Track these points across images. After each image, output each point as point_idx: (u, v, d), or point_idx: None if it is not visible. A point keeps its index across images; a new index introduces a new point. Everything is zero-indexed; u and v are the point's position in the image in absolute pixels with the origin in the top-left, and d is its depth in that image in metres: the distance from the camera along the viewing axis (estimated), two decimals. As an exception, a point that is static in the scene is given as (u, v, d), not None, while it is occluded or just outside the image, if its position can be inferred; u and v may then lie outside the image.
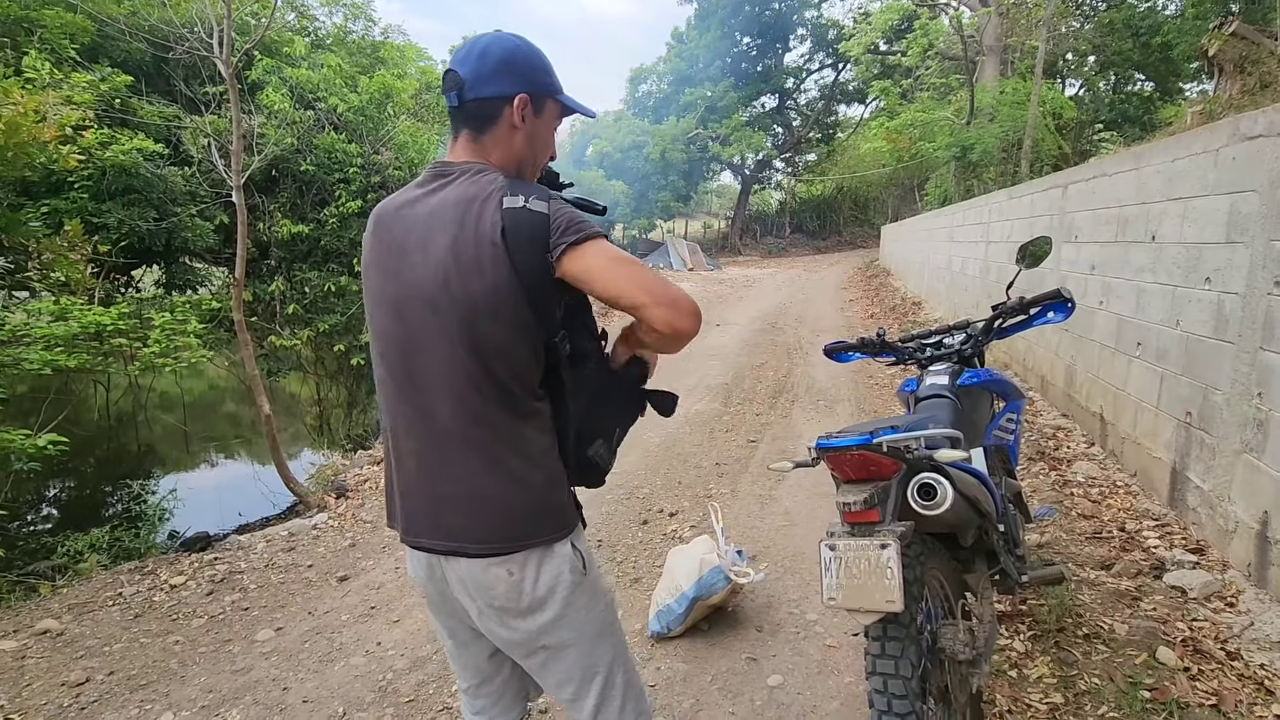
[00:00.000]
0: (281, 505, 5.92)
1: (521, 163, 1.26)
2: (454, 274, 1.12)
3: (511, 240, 1.10)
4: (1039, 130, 11.96)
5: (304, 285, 9.36)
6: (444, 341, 1.15)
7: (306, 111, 8.89)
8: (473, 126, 1.23)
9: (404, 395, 1.22)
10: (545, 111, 1.27)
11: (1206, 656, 2.22)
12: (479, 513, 1.19)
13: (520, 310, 1.13)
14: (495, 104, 1.21)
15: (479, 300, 1.12)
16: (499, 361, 1.15)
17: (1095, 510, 3.39)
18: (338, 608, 3.05)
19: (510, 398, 1.17)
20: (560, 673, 1.27)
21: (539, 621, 1.22)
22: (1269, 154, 2.66)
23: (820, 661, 2.42)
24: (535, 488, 1.20)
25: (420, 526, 1.23)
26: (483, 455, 1.18)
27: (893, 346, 2.59)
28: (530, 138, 1.25)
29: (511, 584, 1.18)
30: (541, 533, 1.20)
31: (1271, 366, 2.54)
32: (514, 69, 1.21)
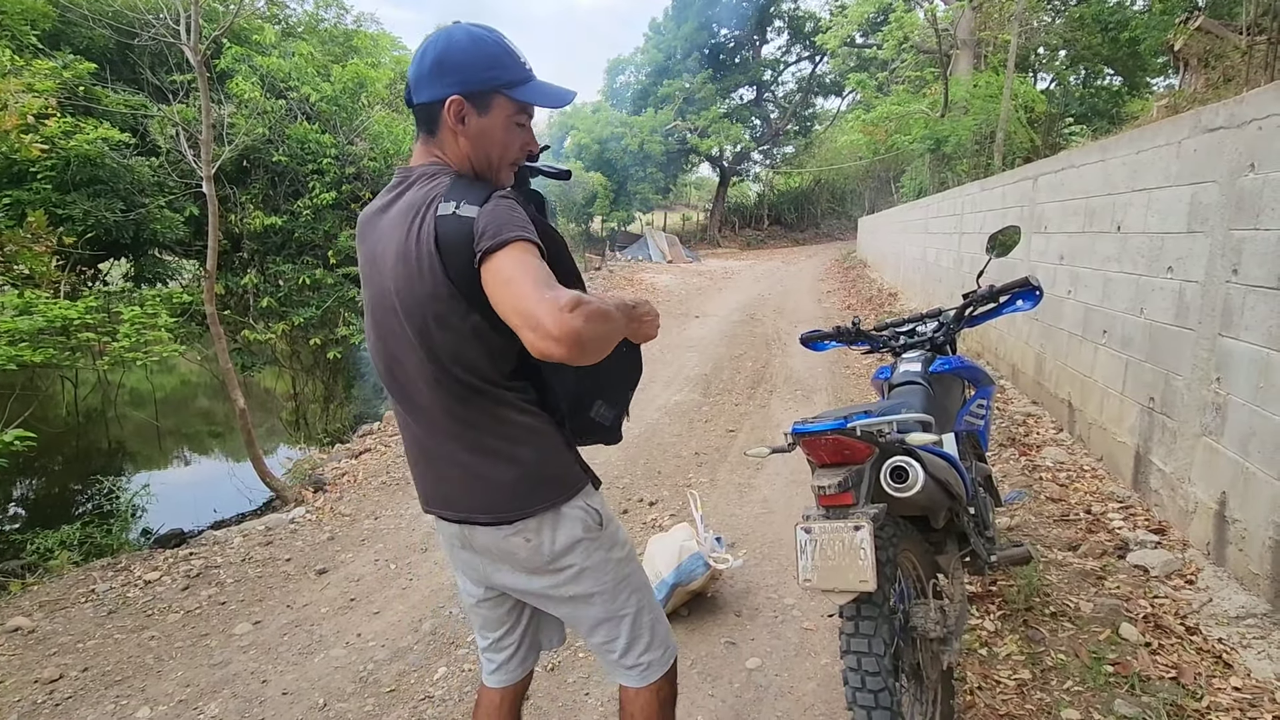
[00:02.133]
0: (258, 501, 5.86)
1: (474, 163, 1.24)
2: (404, 281, 1.15)
3: (444, 248, 1.11)
4: (1011, 123, 12.14)
5: (278, 278, 9.22)
6: (408, 345, 1.20)
7: (278, 101, 8.74)
8: (424, 129, 1.25)
9: (392, 390, 1.29)
10: (493, 108, 1.22)
11: (1167, 632, 2.30)
12: (477, 490, 1.26)
13: (466, 315, 1.14)
14: (434, 107, 1.20)
15: (426, 307, 1.15)
16: (455, 364, 1.18)
17: (1063, 494, 3.49)
18: (317, 600, 3.04)
19: (475, 391, 1.20)
20: (590, 620, 1.36)
21: (563, 576, 1.30)
22: (1229, 146, 2.74)
23: (798, 644, 2.47)
24: (525, 462, 1.24)
25: (436, 501, 1.33)
26: (464, 440, 1.24)
27: (867, 335, 2.63)
28: (476, 138, 1.22)
29: (531, 548, 1.27)
30: (545, 499, 1.26)
31: (1229, 352, 2.63)
32: (448, 69, 1.19)
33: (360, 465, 5.00)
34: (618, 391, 1.38)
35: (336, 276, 9.23)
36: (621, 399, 1.40)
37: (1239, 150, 2.67)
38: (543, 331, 0.98)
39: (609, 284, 15.60)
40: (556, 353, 0.99)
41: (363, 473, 4.81)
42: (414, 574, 3.22)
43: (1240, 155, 2.65)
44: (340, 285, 9.25)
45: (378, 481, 4.61)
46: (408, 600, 2.97)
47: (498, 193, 1.16)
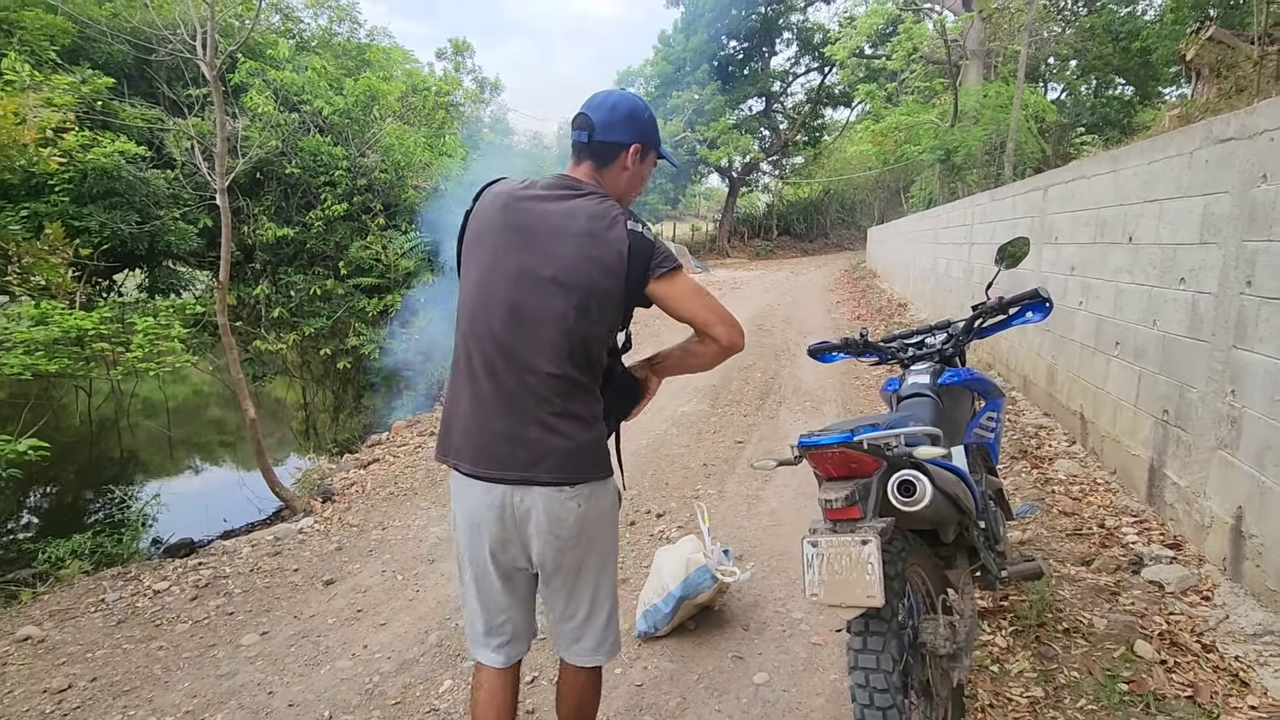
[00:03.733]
0: (267, 510, 5.88)
1: (622, 194, 1.60)
2: (584, 265, 1.45)
3: (633, 255, 1.45)
4: (1021, 133, 12.11)
5: (289, 289, 9.30)
6: (559, 312, 1.45)
7: (291, 114, 8.85)
8: (597, 160, 1.57)
9: (499, 347, 1.48)
10: (647, 159, 1.62)
11: (1183, 649, 2.26)
12: (557, 450, 1.47)
13: (617, 305, 1.49)
14: (616, 148, 1.55)
15: (599, 289, 1.45)
16: (594, 340, 1.48)
17: (1076, 507, 3.44)
18: (324, 611, 3.04)
19: (589, 365, 1.50)
20: (578, 594, 1.58)
21: (583, 546, 1.53)
22: (1240, 156, 2.72)
23: (806, 659, 2.44)
24: (595, 436, 1.52)
25: (490, 463, 1.49)
26: (557, 406, 1.47)
27: (875, 346, 2.62)
28: (633, 177, 1.61)
29: (579, 514, 1.50)
30: (600, 470, 1.53)
31: (1244, 364, 2.60)
32: (634, 123, 1.56)
33: (368, 476, 5.01)
34: (623, 411, 1.68)
35: (347, 287, 9.30)
36: (620, 416, 1.68)
37: (1251, 161, 2.64)
38: (738, 330, 1.55)
39: (618, 294, 15.62)
40: (741, 344, 1.55)
41: (371, 483, 4.83)
42: (421, 585, 3.21)
43: (1252, 166, 2.63)
44: (351, 296, 9.32)
45: (385, 492, 4.62)
46: (414, 612, 2.96)
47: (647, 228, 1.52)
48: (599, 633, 1.61)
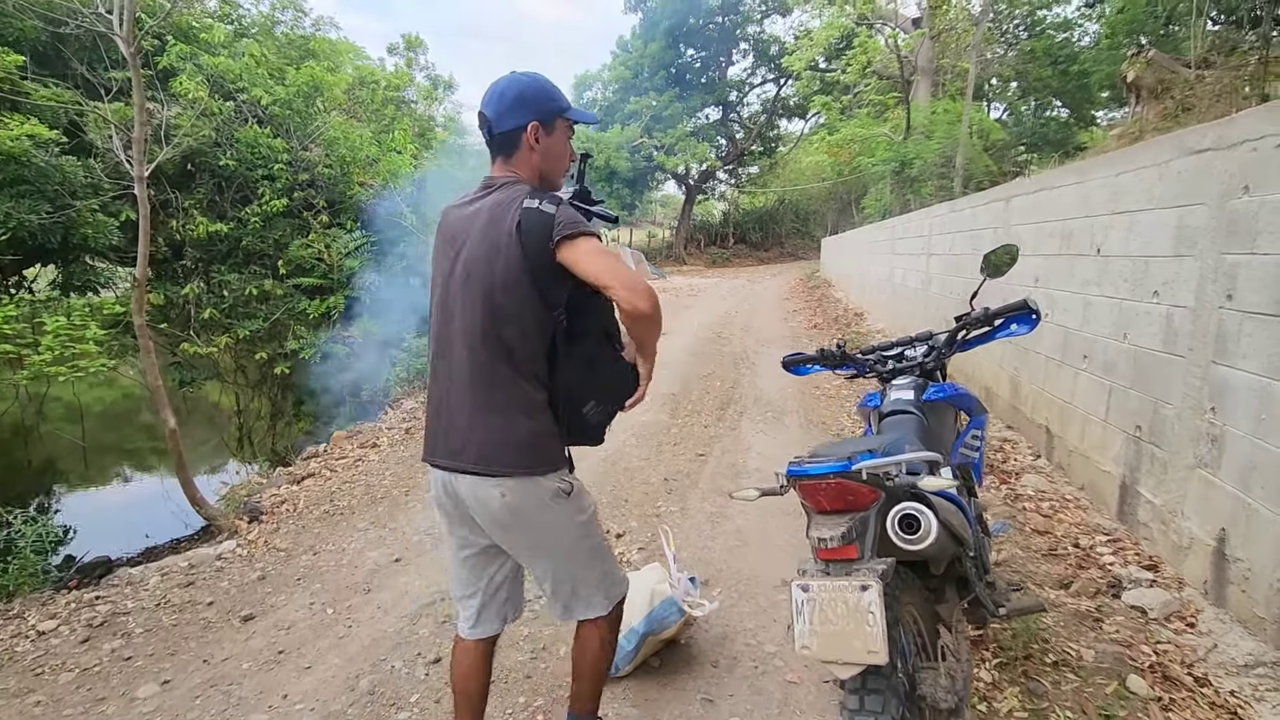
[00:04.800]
0: (195, 524, 5.41)
1: (543, 173, 1.63)
2: (483, 255, 1.50)
3: (524, 231, 1.47)
4: (970, 150, 12.36)
5: (223, 288, 8.72)
6: (470, 306, 1.52)
7: (226, 102, 8.30)
8: (503, 152, 1.62)
9: (439, 348, 1.61)
10: (555, 129, 1.62)
11: (1176, 683, 2.14)
12: (476, 441, 1.53)
13: (525, 286, 1.48)
14: (515, 134, 1.58)
15: (497, 276, 1.49)
16: (506, 326, 1.50)
17: (1048, 525, 3.34)
18: (239, 654, 2.68)
19: (512, 356, 1.51)
20: (540, 570, 1.68)
21: (520, 531, 1.59)
22: (1218, 167, 2.65)
23: (781, 700, 2.23)
24: (525, 430, 1.53)
25: (437, 450, 1.61)
26: (484, 396, 1.52)
27: (853, 359, 2.45)
28: (545, 153, 1.61)
29: (504, 503, 1.53)
30: (529, 465, 1.53)
31: (1225, 380, 2.52)
32: (525, 103, 1.57)
33: (301, 492, 4.61)
34: (609, 398, 1.65)
35: (287, 288, 8.77)
36: (611, 405, 1.66)
37: (1229, 172, 2.57)
38: (640, 292, 1.43)
39: (573, 300, 15.34)
40: (644, 307, 1.44)
41: (304, 501, 4.44)
42: (354, 620, 2.89)
43: (1231, 177, 2.56)
44: (290, 296, 8.79)
45: (319, 511, 4.24)
46: (344, 652, 2.64)
47: (565, 201, 1.53)
48: (565, 600, 1.71)
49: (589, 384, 1.59)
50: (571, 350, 1.56)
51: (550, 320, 1.52)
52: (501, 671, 2.45)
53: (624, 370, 1.66)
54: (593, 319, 1.59)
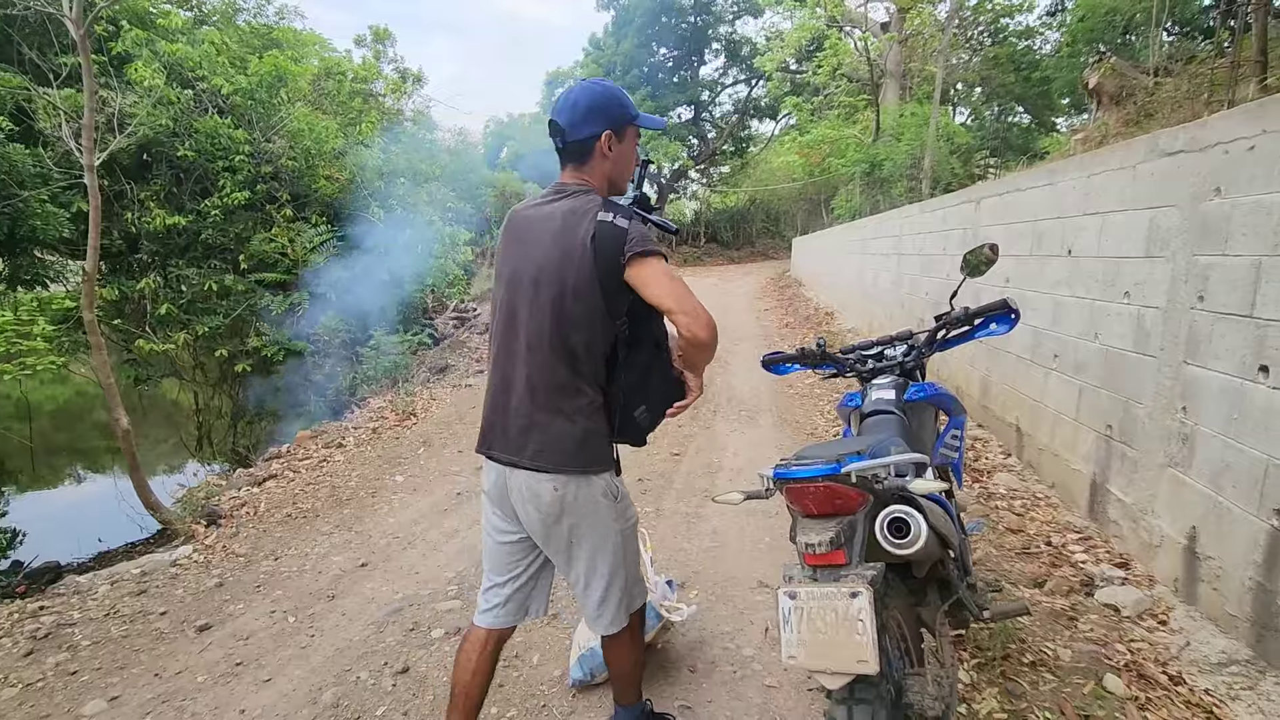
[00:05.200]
0: (151, 528, 5.19)
1: (612, 179, 1.69)
2: (555, 262, 1.55)
3: (598, 244, 1.52)
4: (937, 153, 12.54)
5: (181, 283, 8.43)
6: (539, 310, 1.58)
7: (185, 91, 8.01)
8: (575, 160, 1.66)
9: (503, 345, 1.65)
10: (626, 136, 1.68)
11: (1151, 682, 2.15)
12: (534, 440, 1.59)
13: (595, 295, 1.54)
14: (589, 142, 1.63)
15: (569, 283, 1.54)
16: (574, 331, 1.56)
17: (1021, 524, 3.37)
18: (194, 666, 2.55)
19: (574, 359, 1.58)
20: (574, 569, 1.70)
21: (566, 527, 1.63)
22: (1190, 170, 2.68)
23: (761, 705, 2.19)
24: (579, 431, 1.59)
25: (494, 444, 1.66)
26: (544, 398, 1.59)
27: (833, 358, 2.42)
28: (616, 160, 1.67)
29: (555, 497, 1.59)
30: (582, 464, 1.60)
31: (1196, 380, 2.54)
32: (598, 112, 1.62)
33: (263, 494, 4.45)
34: (658, 404, 1.70)
35: (248, 283, 8.51)
36: (659, 411, 1.71)
37: (1202, 174, 2.60)
38: (701, 322, 1.51)
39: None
40: (703, 336, 1.53)
41: (265, 503, 4.28)
42: (317, 629, 2.77)
43: (1203, 179, 2.58)
44: (252, 292, 8.53)
45: (281, 514, 4.09)
46: (307, 663, 2.52)
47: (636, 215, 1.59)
48: (593, 606, 1.72)
49: (643, 390, 1.66)
50: (630, 357, 1.63)
51: (613, 328, 1.59)
52: (473, 681, 2.37)
53: (674, 379, 1.73)
54: (647, 328, 1.66)
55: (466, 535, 3.62)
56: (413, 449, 5.30)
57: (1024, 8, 19.96)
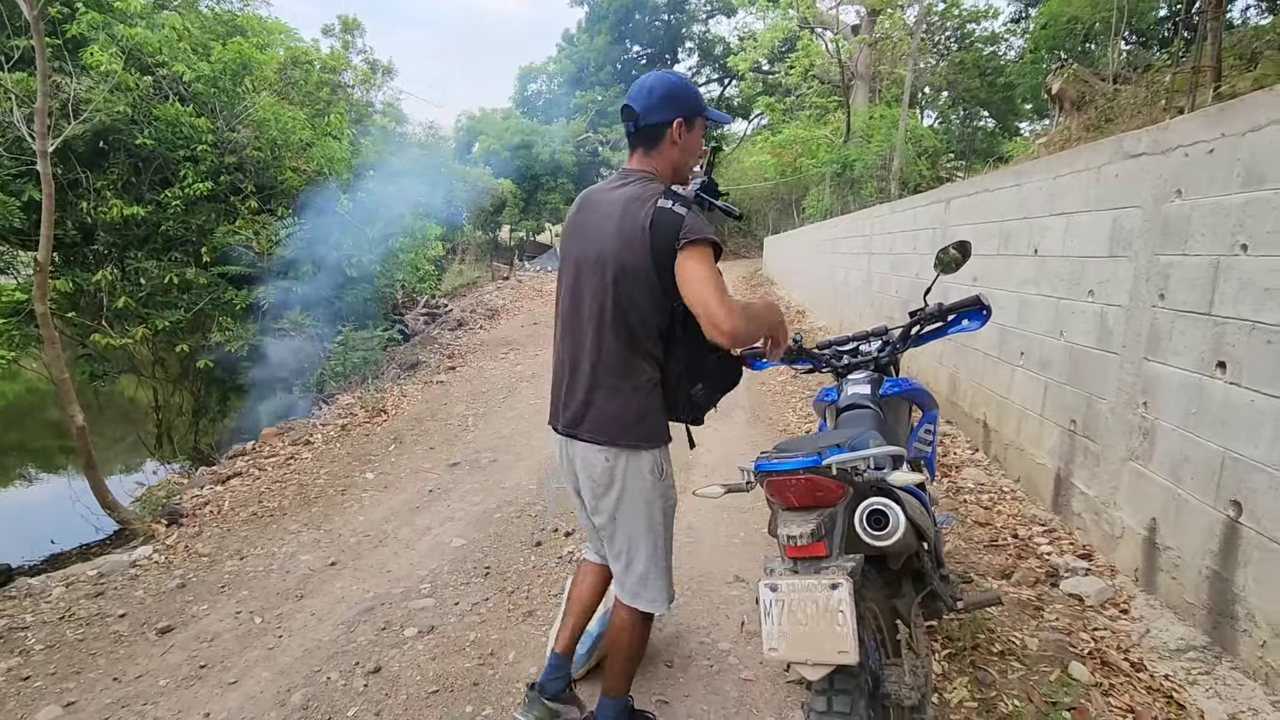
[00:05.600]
0: (108, 528, 5.02)
1: (677, 166, 1.76)
2: (616, 246, 1.63)
3: (656, 229, 1.59)
4: (906, 155, 12.75)
5: (139, 276, 8.16)
6: (600, 291, 1.67)
7: (144, 77, 7.75)
8: (646, 145, 1.74)
9: (568, 326, 1.76)
10: (695, 127, 1.74)
11: (1114, 669, 2.21)
12: (592, 413, 1.70)
13: (651, 278, 1.62)
14: (661, 129, 1.70)
15: (628, 266, 1.62)
16: (631, 310, 1.65)
17: (988, 517, 3.44)
18: (155, 669, 2.47)
19: (633, 337, 1.67)
20: (618, 541, 1.78)
21: (612, 498, 1.72)
22: (1152, 172, 2.76)
23: (738, 699, 2.20)
24: (634, 406, 1.68)
25: (559, 418, 1.79)
26: (602, 373, 1.69)
27: (809, 353, 2.43)
28: (684, 148, 1.75)
29: (606, 468, 1.70)
30: (634, 438, 1.69)
31: (1157, 376, 2.62)
32: (672, 100, 1.69)
33: (227, 493, 4.33)
34: (715, 384, 1.77)
35: (211, 276, 8.27)
36: (717, 389, 1.78)
37: (1164, 176, 2.68)
38: (720, 329, 1.52)
39: (517, 293, 15.10)
40: (724, 341, 1.54)
41: (229, 502, 4.16)
42: (285, 629, 2.70)
43: (1165, 181, 2.66)
44: (215, 286, 8.31)
45: (247, 513, 3.99)
46: (275, 664, 2.46)
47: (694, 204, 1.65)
48: (634, 582, 1.77)
49: (700, 368, 1.72)
50: (687, 336, 1.69)
51: (669, 308, 1.66)
52: (448, 679, 2.34)
53: (731, 358, 1.79)
54: None
55: (439, 533, 3.57)
56: (383, 446, 5.21)
57: (989, 14, 20.41)
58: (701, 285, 1.54)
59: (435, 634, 2.62)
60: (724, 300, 1.53)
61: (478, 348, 9.64)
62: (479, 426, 5.60)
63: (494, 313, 12.63)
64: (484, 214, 22.10)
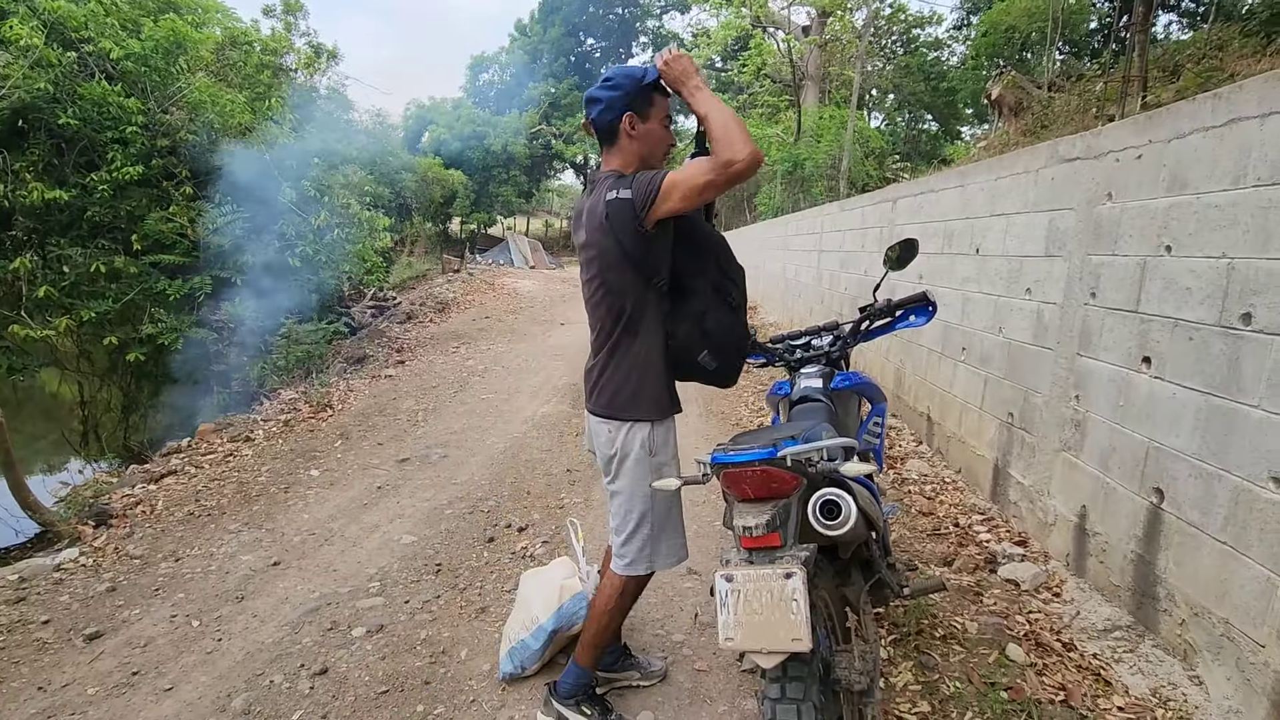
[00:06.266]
0: (28, 531, 4.72)
1: (645, 157, 1.81)
2: (592, 245, 1.79)
3: (613, 222, 1.71)
4: (854, 155, 13.05)
5: (63, 264, 7.69)
6: (590, 285, 1.85)
7: (67, 53, 7.30)
8: (607, 143, 1.82)
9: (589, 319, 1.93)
10: (650, 115, 1.78)
11: (1048, 649, 2.32)
12: (596, 388, 1.90)
13: (625, 267, 1.75)
14: (612, 125, 1.77)
15: (603, 260, 1.77)
16: (613, 295, 1.80)
17: (931, 507, 3.56)
18: (83, 678, 2.34)
19: (621, 317, 1.81)
20: (614, 506, 1.93)
21: (615, 464, 1.87)
22: (1085, 176, 2.89)
23: (691, 690, 2.22)
24: (630, 382, 1.83)
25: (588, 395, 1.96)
26: (607, 356, 1.86)
27: (763, 348, 2.47)
28: (645, 140, 1.79)
29: (609, 438, 1.86)
30: (631, 413, 1.83)
31: (1089, 371, 2.76)
32: (613, 95, 1.74)
33: (161, 492, 4.14)
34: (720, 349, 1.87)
35: (142, 265, 7.86)
36: (723, 355, 1.88)
37: (1096, 180, 2.81)
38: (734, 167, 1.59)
39: (468, 287, 14.85)
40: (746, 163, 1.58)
41: (163, 501, 3.98)
42: (225, 631, 2.60)
43: (1097, 185, 2.80)
44: (147, 275, 7.90)
45: (183, 512, 3.81)
46: (214, 668, 2.37)
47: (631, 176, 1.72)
48: (620, 545, 1.90)
49: (699, 336, 1.82)
50: (684, 308, 1.82)
51: (652, 289, 1.79)
52: (398, 678, 2.29)
53: (733, 322, 1.87)
54: (701, 279, 1.83)
55: (388, 530, 3.49)
56: (329, 442, 5.06)
57: (934, 20, 21.03)
58: (695, 183, 1.61)
59: (384, 633, 2.56)
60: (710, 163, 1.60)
61: (427, 341, 9.45)
62: (429, 421, 5.50)
63: (444, 306, 12.40)
64: (434, 205, 21.62)
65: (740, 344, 1.93)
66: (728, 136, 1.58)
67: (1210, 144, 2.17)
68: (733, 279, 1.89)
